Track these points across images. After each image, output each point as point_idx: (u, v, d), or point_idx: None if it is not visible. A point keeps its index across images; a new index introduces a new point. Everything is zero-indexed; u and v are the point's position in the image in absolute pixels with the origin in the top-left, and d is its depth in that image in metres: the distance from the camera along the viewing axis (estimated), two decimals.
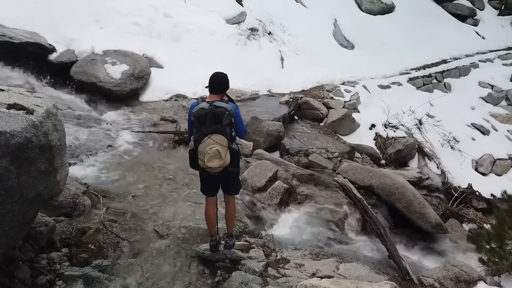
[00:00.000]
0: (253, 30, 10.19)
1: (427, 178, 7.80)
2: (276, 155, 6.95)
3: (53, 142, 3.01)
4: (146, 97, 7.69)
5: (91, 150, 5.56)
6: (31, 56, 7.01)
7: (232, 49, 9.58)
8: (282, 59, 10.19)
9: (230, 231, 3.96)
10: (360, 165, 6.73)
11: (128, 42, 8.30)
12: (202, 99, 3.53)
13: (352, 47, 12.04)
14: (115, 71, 7.44)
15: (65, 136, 3.28)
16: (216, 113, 3.32)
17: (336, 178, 6.13)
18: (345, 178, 6.09)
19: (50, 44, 7.43)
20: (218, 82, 3.57)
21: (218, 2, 10.63)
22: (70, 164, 5.15)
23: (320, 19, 12.20)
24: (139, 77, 7.61)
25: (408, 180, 6.34)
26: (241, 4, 10.96)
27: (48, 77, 7.11)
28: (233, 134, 3.51)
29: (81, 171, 5.05)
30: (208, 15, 10.15)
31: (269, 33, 10.66)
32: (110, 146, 5.81)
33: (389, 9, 13.62)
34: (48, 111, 3.05)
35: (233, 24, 10.31)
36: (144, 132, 6.42)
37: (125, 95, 7.42)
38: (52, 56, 7.38)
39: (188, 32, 9.38)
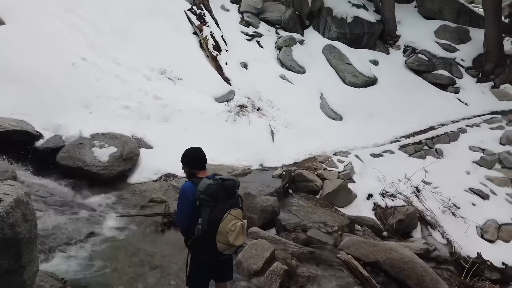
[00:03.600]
0: (242, 106, 10.35)
1: (434, 249, 7.33)
2: (272, 232, 6.56)
3: (21, 234, 2.70)
4: (134, 178, 7.45)
5: (71, 239, 5.13)
6: (16, 144, 6.85)
7: (222, 126, 9.61)
8: (272, 133, 10.22)
9: None
10: (362, 239, 6.33)
11: (118, 124, 8.27)
12: (198, 178, 3.34)
13: (340, 118, 12.22)
14: (103, 154, 7.28)
15: (36, 226, 2.96)
16: (227, 186, 3.12)
17: (339, 255, 5.68)
18: (348, 254, 5.65)
19: (37, 131, 7.34)
20: (204, 156, 3.50)
21: (207, 83, 10.93)
22: (49, 257, 4.73)
23: (306, 93, 12.55)
24: (128, 159, 7.44)
25: (415, 253, 5.92)
26: (229, 84, 11.28)
27: (33, 164, 6.88)
28: None
29: (58, 264, 4.58)
30: (198, 95, 10.36)
31: (258, 109, 10.84)
32: (92, 233, 5.40)
33: (372, 81, 14.14)
34: (17, 200, 2.77)
35: (222, 102, 10.50)
36: (130, 216, 6.05)
37: (113, 178, 7.17)
38: (39, 143, 7.23)
39: (178, 112, 9.46)
